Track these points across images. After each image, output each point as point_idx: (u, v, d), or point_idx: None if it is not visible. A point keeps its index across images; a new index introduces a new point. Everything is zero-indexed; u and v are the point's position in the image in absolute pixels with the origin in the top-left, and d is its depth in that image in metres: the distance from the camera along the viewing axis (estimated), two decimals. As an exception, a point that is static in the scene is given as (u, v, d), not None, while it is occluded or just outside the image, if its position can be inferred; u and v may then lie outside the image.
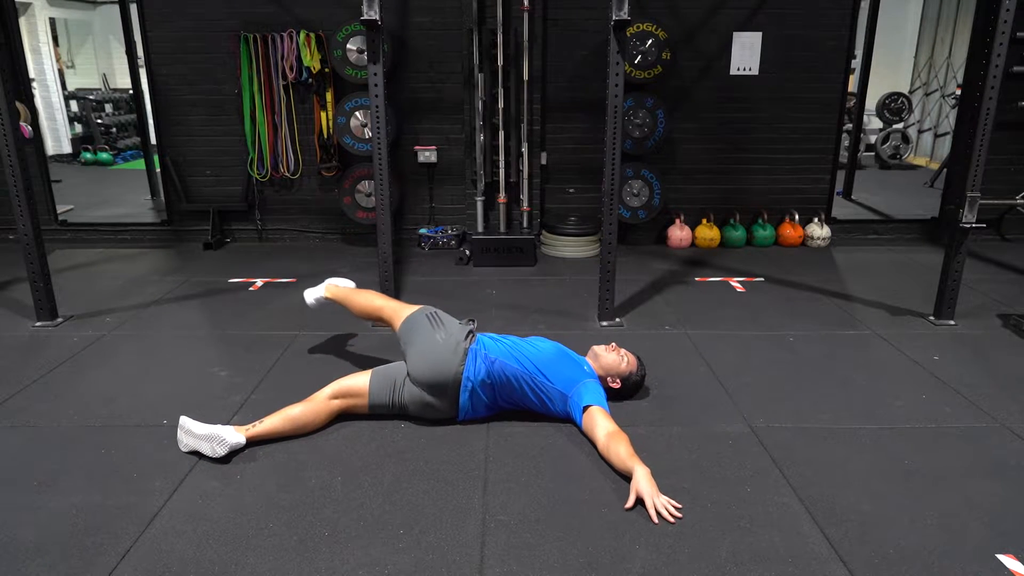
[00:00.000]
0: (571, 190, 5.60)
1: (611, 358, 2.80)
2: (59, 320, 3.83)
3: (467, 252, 5.10)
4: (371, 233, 5.38)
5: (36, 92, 8.47)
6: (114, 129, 10.59)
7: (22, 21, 9.04)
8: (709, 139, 5.52)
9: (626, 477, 2.27)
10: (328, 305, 3.33)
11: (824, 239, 5.58)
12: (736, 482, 2.34)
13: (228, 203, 5.61)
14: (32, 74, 8.47)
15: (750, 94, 5.40)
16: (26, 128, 5.18)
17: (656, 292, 4.41)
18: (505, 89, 5.17)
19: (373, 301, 3.10)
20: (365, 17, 3.27)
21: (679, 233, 5.55)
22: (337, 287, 3.33)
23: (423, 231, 5.52)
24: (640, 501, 2.17)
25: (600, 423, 2.46)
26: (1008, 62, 3.58)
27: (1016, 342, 3.60)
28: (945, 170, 6.36)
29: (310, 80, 5.23)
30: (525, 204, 5.47)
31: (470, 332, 2.75)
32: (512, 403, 2.70)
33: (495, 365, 2.61)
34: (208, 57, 5.29)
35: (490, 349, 2.67)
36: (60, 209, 5.81)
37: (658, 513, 2.12)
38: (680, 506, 2.16)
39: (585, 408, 2.53)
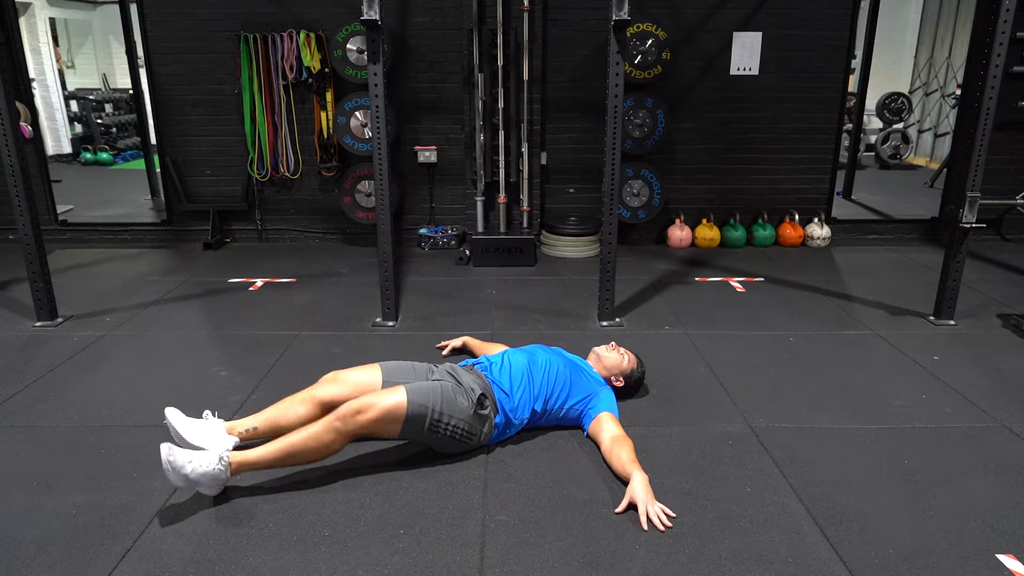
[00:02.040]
0: (571, 190, 5.60)
1: (613, 358, 2.81)
2: (59, 320, 3.83)
3: (467, 252, 5.10)
4: (371, 233, 5.38)
5: (36, 92, 8.47)
6: (114, 129, 10.59)
7: (22, 21, 9.04)
8: (709, 139, 5.52)
9: (625, 482, 2.25)
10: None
11: (824, 239, 5.58)
12: (736, 482, 2.34)
13: (228, 203, 5.60)
14: (32, 74, 8.46)
15: (750, 94, 5.40)
16: (26, 128, 5.17)
17: (656, 292, 4.41)
18: (505, 89, 5.17)
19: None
20: (365, 17, 3.27)
21: (679, 233, 5.55)
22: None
23: (423, 231, 5.52)
24: (632, 506, 2.15)
25: (607, 427, 2.46)
26: (1008, 62, 3.58)
27: (1016, 342, 3.60)
28: (945, 170, 6.36)
29: (310, 80, 5.23)
30: (525, 204, 5.46)
31: (487, 406, 2.46)
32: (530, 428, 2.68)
33: (522, 422, 2.56)
34: (208, 57, 5.28)
35: (513, 412, 2.50)
36: (60, 209, 5.81)
37: (649, 520, 2.09)
38: (674, 515, 2.14)
39: (596, 416, 2.54)
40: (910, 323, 3.85)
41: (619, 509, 2.15)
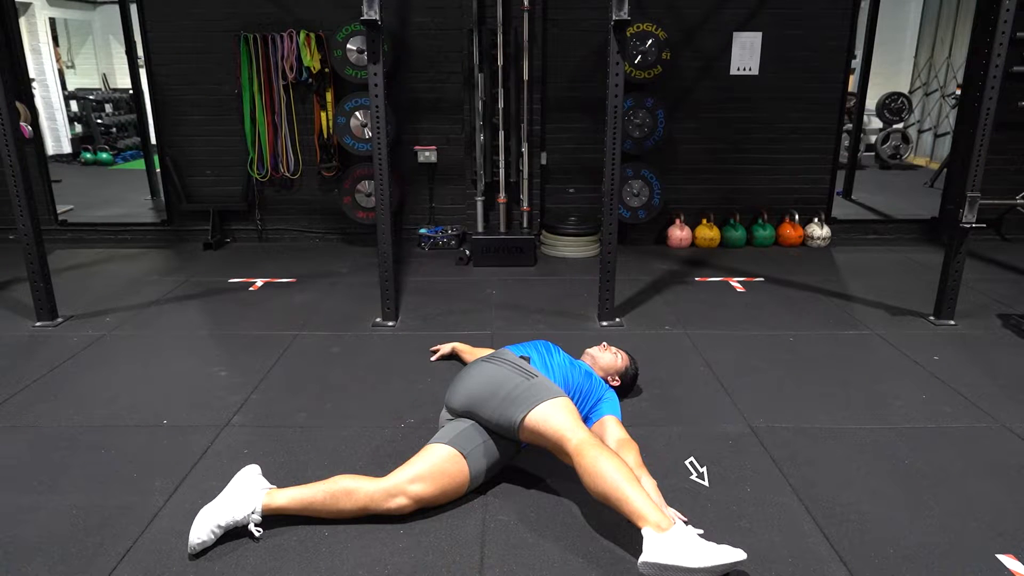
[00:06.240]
0: (571, 190, 5.60)
1: (607, 358, 2.81)
2: (59, 320, 3.83)
3: (467, 252, 5.10)
4: (371, 233, 5.38)
5: (36, 92, 8.47)
6: (114, 129, 10.59)
7: (22, 21, 9.04)
8: (709, 139, 5.52)
9: None
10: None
11: (824, 239, 5.58)
12: (736, 482, 2.34)
13: (228, 203, 5.60)
14: (32, 74, 8.46)
15: (750, 94, 5.40)
16: (26, 128, 5.17)
17: (656, 292, 4.41)
18: (505, 89, 5.17)
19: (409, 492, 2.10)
20: (365, 17, 3.27)
21: (679, 233, 5.55)
22: (290, 497, 2.09)
23: (423, 231, 5.52)
24: None
25: (612, 430, 2.44)
26: (1008, 62, 3.57)
27: (1016, 342, 3.60)
28: (945, 170, 6.36)
29: (310, 80, 5.23)
30: (525, 204, 5.46)
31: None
32: None
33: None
34: (208, 57, 5.28)
35: None
36: (60, 209, 5.81)
37: None
38: (687, 520, 2.12)
39: (599, 419, 2.52)
40: (910, 323, 3.85)
41: None
